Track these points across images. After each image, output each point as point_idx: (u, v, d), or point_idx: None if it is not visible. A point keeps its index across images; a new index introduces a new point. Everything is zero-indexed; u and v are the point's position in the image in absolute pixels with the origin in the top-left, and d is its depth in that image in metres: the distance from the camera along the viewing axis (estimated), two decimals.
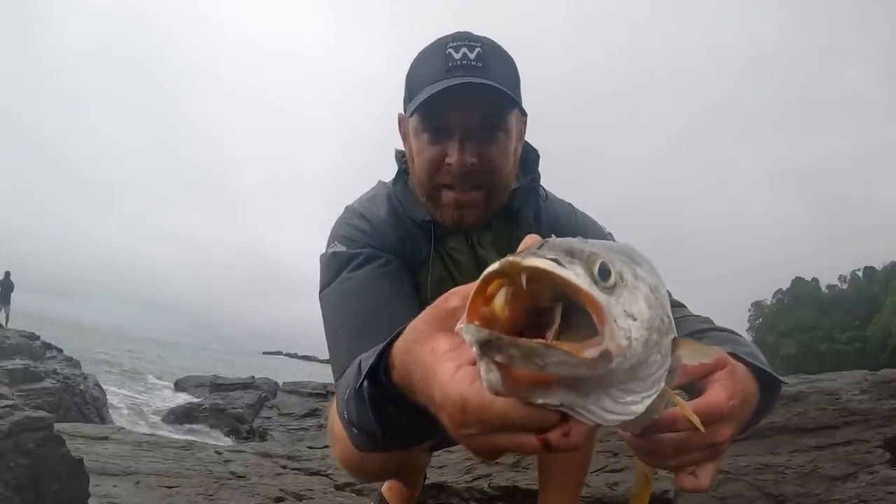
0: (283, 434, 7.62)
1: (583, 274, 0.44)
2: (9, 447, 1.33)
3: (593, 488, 2.11)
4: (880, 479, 1.91)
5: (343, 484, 2.26)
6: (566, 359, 0.42)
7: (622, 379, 0.47)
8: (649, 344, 0.47)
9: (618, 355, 0.43)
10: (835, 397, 2.68)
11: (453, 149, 1.02)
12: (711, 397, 0.62)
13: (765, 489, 1.99)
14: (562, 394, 0.45)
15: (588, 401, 0.46)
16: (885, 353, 47.64)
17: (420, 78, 1.05)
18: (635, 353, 0.46)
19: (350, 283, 1.05)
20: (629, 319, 0.46)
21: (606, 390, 0.46)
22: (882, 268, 62.54)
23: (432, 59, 1.04)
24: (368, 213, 1.16)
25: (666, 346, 0.50)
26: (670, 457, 0.62)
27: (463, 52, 1.01)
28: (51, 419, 1.46)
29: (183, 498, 1.78)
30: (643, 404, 0.48)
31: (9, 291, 16.58)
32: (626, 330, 0.45)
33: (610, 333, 0.43)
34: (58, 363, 9.67)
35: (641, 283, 0.49)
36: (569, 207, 1.26)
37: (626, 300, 0.47)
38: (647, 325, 0.47)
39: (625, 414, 0.47)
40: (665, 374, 0.50)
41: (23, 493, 1.31)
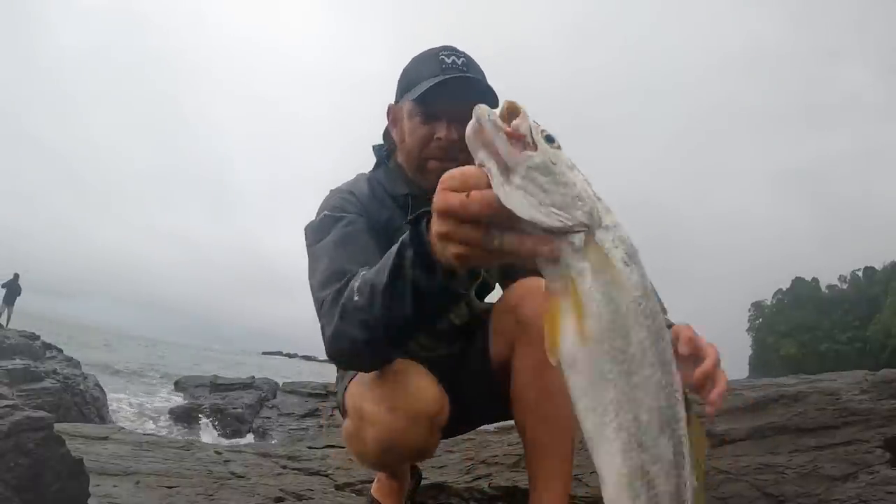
0: (283, 434, 7.61)
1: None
2: (9, 447, 1.33)
3: (593, 488, 2.11)
4: (880, 479, 1.91)
5: (343, 484, 2.26)
6: (496, 123, 0.64)
7: (529, 182, 0.62)
8: (554, 177, 0.63)
9: (527, 154, 0.63)
10: (835, 397, 2.68)
11: (442, 127, 1.29)
12: (712, 349, 0.93)
13: (765, 489, 1.99)
14: (499, 170, 0.63)
15: (508, 182, 0.62)
16: (885, 353, 47.64)
17: (416, 76, 1.33)
18: (539, 170, 0.63)
19: (337, 233, 1.24)
20: (543, 146, 0.64)
21: (518, 180, 0.62)
22: (882, 268, 62.54)
23: (427, 63, 1.34)
24: (354, 189, 1.38)
25: (575, 210, 0.63)
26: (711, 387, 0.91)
27: (452, 59, 1.32)
28: (51, 419, 1.46)
29: (183, 498, 1.78)
30: (532, 215, 0.62)
31: (14, 294, 16.64)
32: (543, 146, 0.64)
33: (522, 128, 0.64)
34: (58, 363, 9.66)
35: (579, 172, 0.66)
36: None
37: (557, 152, 0.65)
38: (555, 168, 0.64)
39: (521, 205, 0.61)
40: (568, 224, 0.62)
41: (23, 493, 1.31)
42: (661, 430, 0.62)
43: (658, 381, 0.63)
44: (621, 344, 0.62)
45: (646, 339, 0.62)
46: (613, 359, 0.61)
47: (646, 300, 0.63)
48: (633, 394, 0.61)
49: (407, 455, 1.30)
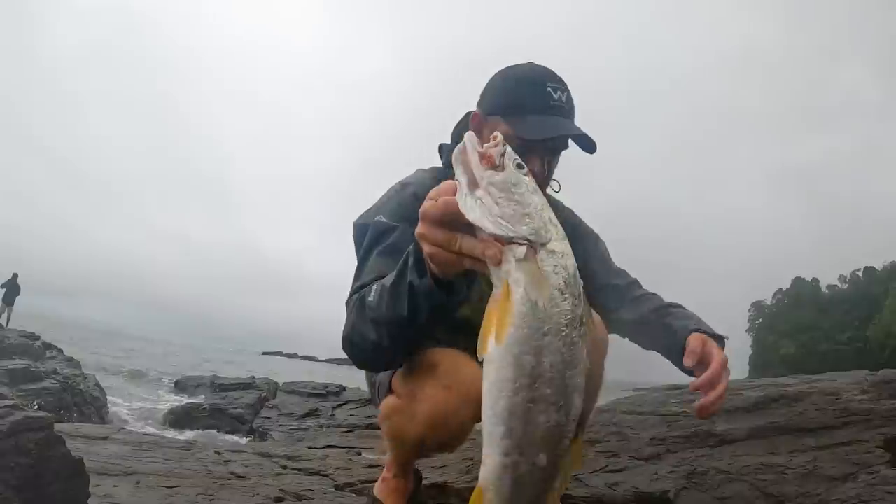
0: (283, 434, 7.62)
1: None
2: (9, 447, 1.32)
3: (593, 488, 2.11)
4: (880, 479, 1.91)
5: (343, 484, 2.26)
6: (472, 144, 0.77)
7: (492, 197, 0.73)
8: (508, 199, 0.73)
9: (492, 174, 0.74)
10: (835, 397, 2.68)
11: (535, 163, 1.35)
12: (719, 355, 1.13)
13: (765, 489, 1.99)
14: (466, 180, 0.75)
15: (471, 193, 0.74)
16: (885, 353, 47.61)
17: (520, 101, 1.37)
18: (499, 187, 0.74)
19: (386, 246, 1.31)
20: (510, 168, 0.75)
21: (480, 192, 0.74)
22: (882, 268, 62.52)
23: (534, 91, 1.37)
24: (417, 189, 1.40)
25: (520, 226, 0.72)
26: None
27: (559, 94, 1.37)
28: (51, 419, 1.45)
29: (183, 498, 1.78)
30: (482, 223, 0.72)
31: (14, 293, 16.64)
32: (510, 169, 0.75)
33: (495, 149, 0.76)
34: (58, 363, 9.66)
35: (539, 202, 0.75)
36: (569, 208, 1.64)
37: (519, 175, 0.76)
38: (513, 188, 0.74)
39: (475, 212, 0.73)
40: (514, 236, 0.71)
41: (23, 493, 1.31)
42: (543, 444, 0.70)
43: (555, 402, 0.70)
44: (530, 360, 0.68)
45: (558, 363, 0.69)
46: (518, 369, 0.68)
47: (569, 329, 0.70)
48: (529, 407, 0.69)
49: (452, 432, 1.32)
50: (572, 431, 0.72)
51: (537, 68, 1.42)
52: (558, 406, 0.70)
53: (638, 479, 2.17)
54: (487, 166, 0.75)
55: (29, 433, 1.37)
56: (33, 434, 1.38)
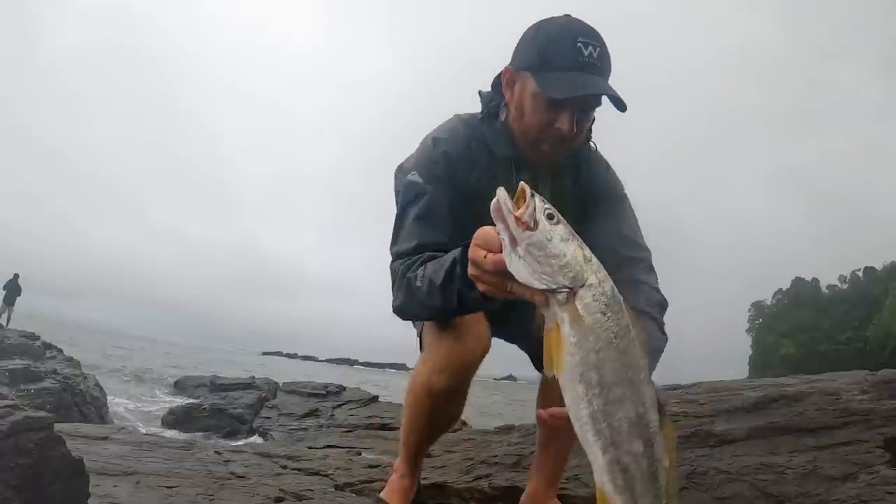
0: (283, 434, 7.61)
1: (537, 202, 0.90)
2: (9, 447, 1.32)
3: (594, 488, 2.11)
4: (880, 479, 1.91)
5: (343, 484, 2.26)
6: (511, 208, 0.89)
7: (527, 256, 0.88)
8: (543, 256, 0.87)
9: (525, 233, 0.87)
10: (835, 397, 2.68)
11: (565, 119, 1.36)
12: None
13: (765, 489, 1.99)
14: (509, 246, 0.90)
15: (513, 252, 0.89)
16: (885, 353, 47.61)
17: (549, 56, 1.35)
18: (533, 244, 0.87)
19: (420, 208, 1.44)
20: (543, 225, 0.88)
21: (521, 252, 0.88)
22: (882, 268, 62.52)
23: (564, 47, 1.34)
24: (448, 147, 1.48)
25: (555, 281, 0.87)
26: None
27: (590, 50, 1.33)
28: (51, 419, 1.45)
29: (183, 498, 1.78)
30: (524, 280, 0.88)
31: (15, 293, 16.66)
32: (542, 225, 0.88)
33: (528, 211, 0.89)
34: (58, 363, 9.66)
35: (574, 251, 0.88)
36: (604, 166, 1.61)
37: (553, 228, 0.89)
38: (547, 244, 0.87)
39: (517, 272, 0.88)
40: (547, 288, 0.87)
41: (23, 493, 1.31)
42: (631, 433, 0.86)
43: (629, 398, 0.86)
44: (594, 375, 0.85)
45: (619, 369, 0.86)
46: (587, 385, 0.86)
47: (618, 339, 0.87)
48: (606, 408, 0.85)
49: (457, 375, 1.54)
50: (654, 416, 0.87)
51: (571, 22, 1.39)
52: (632, 400, 0.86)
53: None
54: (523, 228, 0.89)
55: (29, 433, 1.37)
56: (33, 434, 1.38)
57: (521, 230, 0.89)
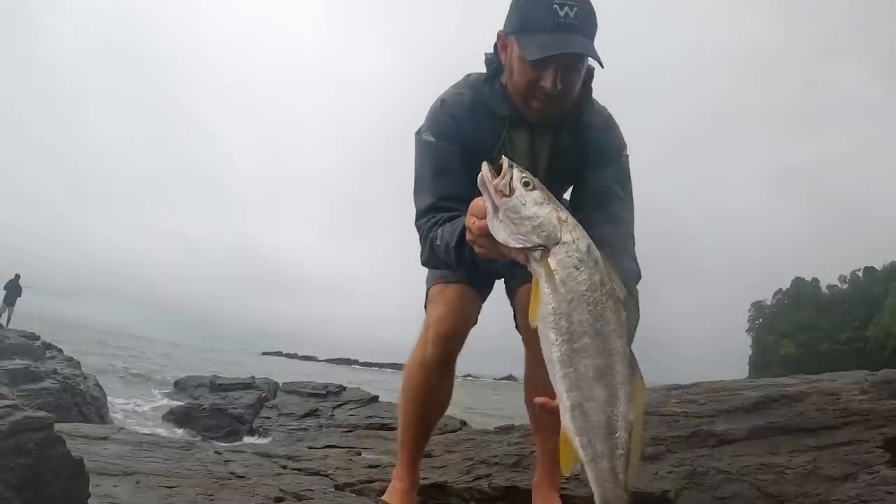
0: (283, 434, 7.62)
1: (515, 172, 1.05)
2: (9, 447, 1.32)
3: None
4: (880, 479, 1.91)
5: (343, 484, 2.26)
6: (491, 178, 1.05)
7: (503, 217, 1.03)
8: (516, 218, 1.01)
9: (502, 199, 1.03)
10: (835, 397, 2.68)
11: (548, 78, 1.42)
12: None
13: (765, 489, 1.99)
14: (490, 209, 1.06)
15: (494, 217, 1.05)
16: (885, 353, 47.59)
17: (531, 22, 1.42)
18: (507, 209, 1.02)
19: (435, 163, 1.59)
20: (518, 191, 1.02)
21: (501, 216, 1.03)
22: (882, 268, 62.48)
23: (542, 9, 1.40)
24: (453, 109, 1.59)
25: (529, 241, 1.01)
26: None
27: (566, 10, 1.38)
28: (51, 419, 1.45)
29: (183, 498, 1.78)
30: (502, 240, 1.03)
31: (15, 294, 16.65)
32: (512, 191, 1.03)
33: (503, 180, 1.04)
34: (58, 363, 9.67)
35: (547, 211, 1.01)
36: (603, 118, 1.65)
37: (527, 194, 1.03)
38: (520, 208, 1.01)
39: (497, 232, 1.04)
40: (524, 248, 1.01)
41: (23, 493, 1.31)
42: (596, 379, 0.95)
43: (595, 346, 0.95)
44: (564, 322, 0.96)
45: (586, 319, 0.96)
46: (557, 331, 0.96)
47: (590, 292, 0.97)
48: (574, 355, 0.95)
49: (446, 336, 1.74)
50: (621, 368, 0.95)
51: None
52: (598, 349, 0.95)
53: (638, 479, 2.16)
54: (501, 196, 1.03)
55: (29, 433, 1.37)
56: (33, 434, 1.38)
57: (499, 197, 1.03)
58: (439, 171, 1.58)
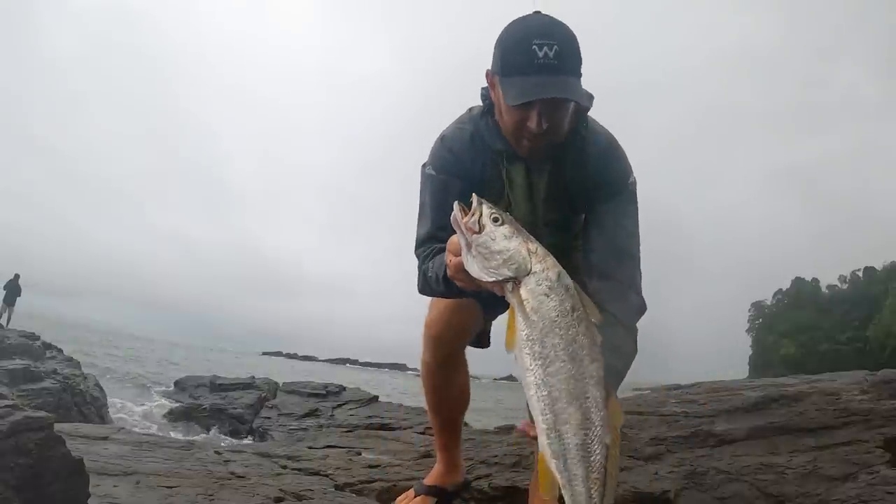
0: (283, 434, 7.61)
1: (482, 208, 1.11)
2: (9, 447, 1.32)
3: None
4: (880, 479, 1.91)
5: (343, 484, 2.26)
6: (461, 217, 1.12)
7: (474, 253, 1.09)
8: (486, 253, 1.08)
9: (473, 235, 1.09)
10: (835, 397, 2.68)
11: (533, 119, 1.42)
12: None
13: (765, 489, 1.99)
14: (463, 245, 1.11)
15: (468, 253, 1.10)
16: (885, 353, 47.56)
17: (511, 63, 1.41)
18: (477, 245, 1.08)
19: (435, 197, 1.64)
20: (487, 227, 1.09)
21: (473, 252, 1.09)
22: (882, 268, 62.45)
23: (521, 50, 1.38)
24: (452, 144, 1.64)
25: (500, 274, 1.06)
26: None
27: (545, 51, 1.36)
28: (51, 419, 1.45)
29: (183, 498, 1.78)
30: (475, 274, 1.09)
31: (15, 294, 16.64)
32: (482, 228, 1.09)
33: (472, 218, 1.10)
34: (58, 363, 9.65)
35: (516, 244, 1.06)
36: (604, 144, 1.60)
37: (496, 229, 1.08)
38: (490, 243, 1.07)
39: (469, 267, 1.10)
40: (494, 281, 1.07)
41: (23, 493, 1.31)
42: (569, 402, 0.99)
43: (567, 370, 0.99)
44: (538, 347, 1.01)
45: (558, 344, 1.00)
46: (531, 356, 1.01)
47: (560, 318, 1.01)
48: (547, 379, 1.00)
49: (440, 337, 1.84)
50: (595, 392, 1.00)
51: (531, 24, 1.42)
52: (571, 373, 0.99)
53: (638, 479, 2.17)
54: (471, 233, 1.09)
55: (29, 433, 1.37)
56: (33, 434, 1.38)
57: (470, 234, 1.09)
58: (438, 203, 1.61)
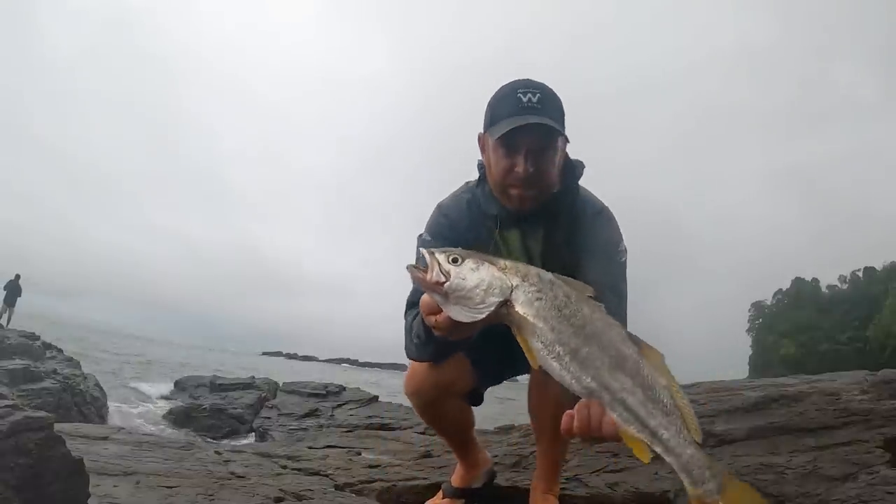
0: (283, 434, 7.61)
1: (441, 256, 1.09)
2: (9, 447, 1.32)
3: (593, 488, 2.11)
4: (880, 479, 1.91)
5: (343, 484, 2.26)
6: (422, 276, 1.08)
7: (455, 301, 1.06)
8: (465, 294, 1.05)
9: (444, 285, 1.06)
10: (835, 397, 2.68)
11: (520, 161, 1.50)
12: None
13: (765, 489, 1.99)
14: (440, 299, 1.09)
15: (448, 304, 1.08)
16: (885, 353, 47.54)
17: (499, 113, 1.52)
18: (453, 291, 1.06)
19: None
20: (452, 272, 1.06)
21: (452, 301, 1.07)
22: (882, 268, 62.43)
23: (507, 100, 1.52)
24: (448, 211, 1.71)
25: (487, 303, 1.05)
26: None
27: (528, 97, 1.49)
28: (51, 419, 1.45)
29: (183, 498, 1.78)
30: (465, 318, 1.06)
31: (15, 294, 16.65)
32: (448, 274, 1.06)
33: (433, 271, 1.07)
34: (58, 363, 9.66)
35: (485, 272, 1.06)
36: (595, 211, 1.67)
37: (460, 269, 1.06)
38: (462, 283, 1.06)
39: (457, 315, 1.07)
40: (487, 313, 1.05)
41: (23, 493, 1.31)
42: (613, 373, 1.02)
43: (595, 350, 1.02)
44: (559, 349, 1.03)
45: (573, 332, 1.03)
46: (558, 359, 1.03)
47: (564, 309, 1.04)
48: (584, 368, 1.02)
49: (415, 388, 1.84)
50: (628, 350, 1.04)
51: (515, 81, 1.56)
52: (600, 348, 1.03)
53: (638, 479, 2.17)
54: (440, 286, 1.07)
55: (29, 433, 1.37)
56: (33, 434, 1.38)
57: (440, 287, 1.07)
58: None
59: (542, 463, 1.89)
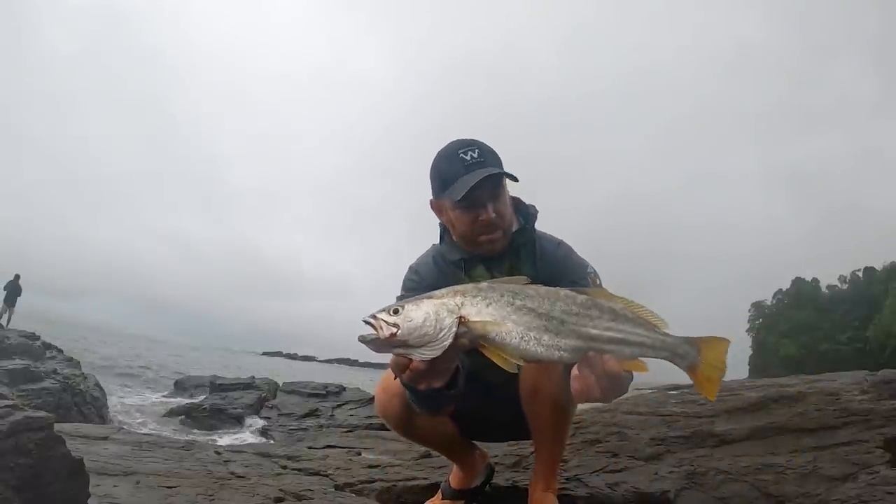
0: (283, 434, 7.62)
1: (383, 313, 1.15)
2: (9, 447, 1.32)
3: (594, 488, 2.11)
4: (880, 479, 1.91)
5: (343, 484, 2.26)
6: (375, 338, 1.13)
7: (416, 343, 1.12)
8: (420, 331, 1.11)
9: (397, 335, 1.11)
10: (835, 397, 2.68)
11: (483, 211, 1.66)
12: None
13: (765, 489, 1.99)
14: (404, 350, 1.14)
15: (412, 350, 1.13)
16: (885, 353, 47.54)
17: (447, 175, 1.69)
18: (409, 335, 1.11)
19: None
20: (398, 320, 1.11)
21: (413, 347, 1.12)
22: (882, 268, 62.42)
23: (452, 162, 1.69)
24: (419, 268, 1.86)
25: (444, 329, 1.11)
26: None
27: (470, 154, 1.68)
28: (51, 419, 1.45)
29: (183, 498, 1.78)
30: (435, 353, 1.11)
31: (15, 294, 16.64)
32: (396, 325, 1.11)
33: (382, 329, 1.12)
34: (58, 363, 9.66)
35: (426, 305, 1.13)
36: (555, 244, 1.83)
37: (404, 314, 1.12)
38: (412, 323, 1.11)
39: (426, 355, 1.12)
40: (451, 337, 1.11)
41: (23, 493, 1.31)
42: (591, 325, 1.14)
43: (561, 316, 1.14)
44: (532, 334, 1.12)
45: (539, 314, 1.13)
46: (535, 343, 1.12)
47: (516, 299, 1.14)
48: (560, 338, 1.13)
49: (386, 415, 1.92)
50: (570, 303, 1.16)
51: (452, 143, 1.73)
52: (567, 313, 1.14)
53: (638, 479, 2.17)
54: (394, 339, 1.11)
55: (29, 433, 1.37)
56: (33, 434, 1.38)
57: (396, 339, 1.11)
58: None
59: (540, 461, 1.90)
